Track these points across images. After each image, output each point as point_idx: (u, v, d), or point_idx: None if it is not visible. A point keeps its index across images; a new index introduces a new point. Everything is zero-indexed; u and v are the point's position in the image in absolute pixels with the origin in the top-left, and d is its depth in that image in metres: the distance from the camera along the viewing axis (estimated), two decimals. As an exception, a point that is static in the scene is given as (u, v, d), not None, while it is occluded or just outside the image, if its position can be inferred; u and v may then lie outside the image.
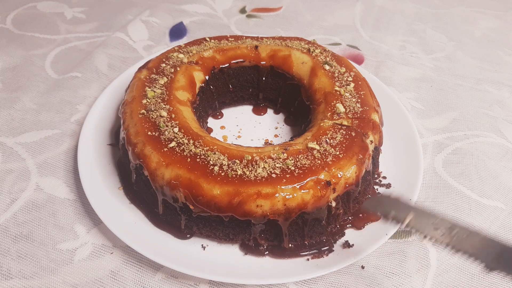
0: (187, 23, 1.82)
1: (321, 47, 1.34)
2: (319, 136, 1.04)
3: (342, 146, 1.02)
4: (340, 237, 1.03)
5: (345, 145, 1.02)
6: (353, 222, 1.06)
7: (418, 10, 2.02)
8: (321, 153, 0.99)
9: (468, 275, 1.02)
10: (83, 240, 1.04)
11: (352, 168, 0.98)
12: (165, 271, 0.99)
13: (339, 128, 1.06)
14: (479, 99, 1.51)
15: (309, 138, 1.04)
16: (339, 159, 0.98)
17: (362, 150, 1.02)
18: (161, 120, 1.05)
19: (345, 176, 0.97)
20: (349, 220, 1.06)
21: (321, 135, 1.04)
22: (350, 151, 1.01)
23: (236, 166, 0.94)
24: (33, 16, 1.79)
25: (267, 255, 0.99)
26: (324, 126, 1.07)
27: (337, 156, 0.99)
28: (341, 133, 1.05)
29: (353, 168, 0.98)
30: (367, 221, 1.05)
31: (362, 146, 1.03)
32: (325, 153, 1.00)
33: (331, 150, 1.00)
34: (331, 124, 1.08)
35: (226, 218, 0.94)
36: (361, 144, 1.03)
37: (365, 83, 1.23)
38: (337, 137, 1.04)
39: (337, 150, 1.00)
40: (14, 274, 0.97)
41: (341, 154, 0.99)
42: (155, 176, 0.97)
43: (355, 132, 1.05)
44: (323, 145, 1.02)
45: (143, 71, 1.22)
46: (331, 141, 1.03)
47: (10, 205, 1.10)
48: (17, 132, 1.28)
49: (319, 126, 1.08)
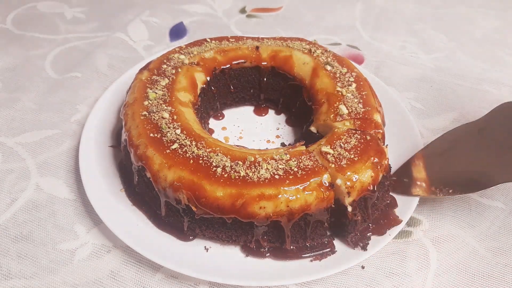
0: (187, 23, 1.82)
1: (322, 47, 1.34)
2: (333, 141, 1.03)
3: (357, 149, 1.00)
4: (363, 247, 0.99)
5: (360, 148, 1.00)
6: (373, 229, 1.02)
7: (418, 10, 2.02)
8: (335, 157, 0.98)
9: (468, 275, 1.02)
10: (83, 240, 1.04)
11: (367, 172, 0.97)
12: (164, 272, 0.99)
13: (354, 133, 1.05)
14: (479, 99, 1.51)
15: (323, 143, 1.03)
16: (354, 162, 0.97)
17: (377, 153, 1.00)
18: (163, 122, 1.05)
19: (361, 180, 0.96)
20: (370, 228, 1.02)
21: (335, 140, 1.03)
22: (366, 154, 0.99)
23: (239, 167, 0.94)
24: (33, 16, 1.79)
25: (269, 256, 0.99)
26: (338, 132, 1.06)
27: (352, 160, 0.97)
28: (356, 137, 1.04)
29: (368, 172, 0.97)
30: (388, 227, 1.02)
31: (377, 150, 1.01)
32: (340, 156, 0.98)
33: (346, 153, 0.99)
34: (345, 129, 1.06)
35: (229, 220, 0.94)
36: (376, 148, 1.01)
37: (367, 84, 1.23)
38: (352, 141, 1.02)
39: (352, 154, 0.99)
40: (14, 274, 0.97)
41: (356, 158, 0.98)
42: (157, 178, 0.96)
43: (370, 136, 1.04)
44: (337, 149, 1.00)
45: (144, 73, 1.22)
46: (345, 145, 1.01)
47: (10, 205, 1.10)
48: (17, 132, 1.28)
49: (333, 132, 1.07)
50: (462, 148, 1.12)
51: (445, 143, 1.15)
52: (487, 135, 1.09)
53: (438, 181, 1.08)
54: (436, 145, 1.16)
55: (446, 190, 1.05)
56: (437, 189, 1.06)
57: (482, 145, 1.09)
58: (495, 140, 1.07)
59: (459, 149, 1.12)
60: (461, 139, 1.14)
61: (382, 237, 1.01)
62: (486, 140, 1.09)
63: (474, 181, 1.04)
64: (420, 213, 1.13)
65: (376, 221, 1.03)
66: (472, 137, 1.12)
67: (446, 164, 1.11)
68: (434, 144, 1.17)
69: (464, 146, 1.12)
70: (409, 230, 1.09)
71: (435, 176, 1.09)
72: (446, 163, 1.11)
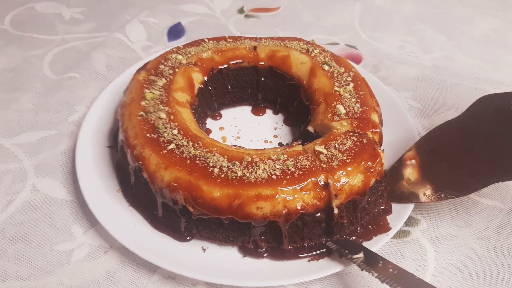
0: (185, 23, 1.81)
1: (320, 47, 1.34)
2: (328, 142, 1.02)
3: (351, 152, 0.99)
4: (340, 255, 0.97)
5: (354, 151, 1.00)
6: (360, 234, 1.01)
7: (417, 9, 2.02)
8: (327, 157, 0.98)
9: (466, 275, 1.01)
10: (80, 241, 1.03)
11: (358, 176, 0.96)
12: (162, 272, 0.98)
13: (351, 135, 1.04)
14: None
15: (318, 143, 1.03)
16: (345, 164, 0.96)
17: (372, 157, 0.99)
18: (160, 122, 1.04)
19: (350, 183, 0.95)
20: (358, 232, 1.01)
21: (331, 141, 1.03)
22: (359, 157, 0.98)
23: (236, 167, 0.94)
24: (31, 16, 1.78)
25: (266, 257, 0.98)
26: (336, 133, 1.05)
27: (344, 161, 0.97)
28: (352, 139, 1.03)
29: (359, 176, 0.96)
30: (376, 233, 1.01)
31: (372, 154, 1.00)
32: (332, 157, 0.98)
33: (339, 155, 0.98)
34: (344, 131, 1.06)
35: (226, 221, 0.94)
36: (371, 151, 1.00)
37: (365, 83, 1.23)
38: (347, 143, 1.02)
39: (345, 156, 0.98)
40: (11, 275, 0.97)
41: (348, 160, 0.97)
42: (154, 178, 0.96)
43: (367, 139, 1.03)
44: (331, 149, 1.00)
45: (141, 73, 1.21)
46: (340, 146, 1.01)
47: (7, 206, 1.09)
48: (15, 132, 1.28)
49: (331, 132, 1.06)
50: (447, 149, 1.10)
51: (431, 144, 1.13)
52: (469, 132, 1.08)
53: (430, 185, 1.07)
54: (422, 147, 1.13)
55: (438, 195, 1.05)
56: (431, 194, 1.05)
57: (466, 144, 1.07)
58: (477, 138, 1.05)
59: (444, 151, 1.10)
60: (444, 139, 1.12)
61: (380, 237, 1.00)
62: (469, 138, 1.07)
63: (465, 184, 1.03)
64: (418, 212, 1.12)
65: (365, 226, 1.02)
66: (455, 136, 1.10)
67: (433, 168, 1.09)
68: (419, 146, 1.14)
69: (449, 147, 1.10)
70: (407, 229, 1.09)
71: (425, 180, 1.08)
72: (433, 167, 1.09)
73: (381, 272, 0.87)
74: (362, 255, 0.92)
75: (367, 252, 0.94)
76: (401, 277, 0.85)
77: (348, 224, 1.00)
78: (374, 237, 1.01)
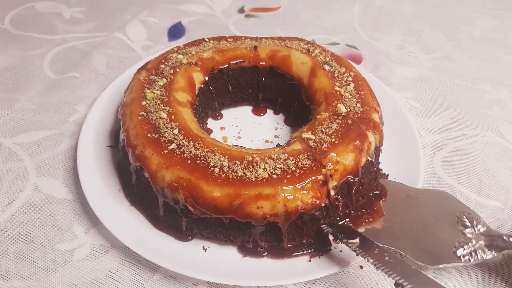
0: (185, 23, 1.82)
1: (321, 47, 1.34)
2: (314, 127, 1.04)
3: (338, 133, 1.01)
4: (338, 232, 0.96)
5: (341, 132, 1.02)
6: (352, 218, 1.01)
7: (417, 9, 2.02)
8: (316, 142, 0.99)
9: (466, 275, 1.02)
10: (81, 240, 1.03)
11: (350, 155, 0.98)
12: (163, 272, 0.99)
13: (335, 118, 1.06)
14: (478, 99, 1.52)
15: (304, 130, 1.04)
16: (335, 146, 0.98)
17: (359, 136, 1.01)
18: (161, 122, 1.05)
19: (343, 163, 0.96)
20: (351, 215, 1.01)
21: (316, 126, 1.04)
22: (347, 138, 1.00)
23: (236, 167, 0.94)
24: (31, 16, 1.79)
25: (266, 256, 0.99)
26: (320, 118, 1.07)
27: (333, 143, 0.99)
28: (337, 122, 1.05)
29: (350, 155, 0.98)
30: (367, 219, 1.01)
31: (359, 133, 1.02)
32: (321, 141, 1.00)
33: (327, 138, 1.00)
34: (327, 115, 1.07)
35: (226, 220, 0.94)
36: (358, 131, 1.03)
37: (365, 83, 1.23)
38: (333, 126, 1.04)
39: (333, 138, 1.00)
40: (12, 275, 0.97)
41: (337, 141, 0.99)
42: (155, 178, 0.96)
43: (351, 120, 1.05)
44: (318, 134, 1.01)
45: (142, 73, 1.21)
46: (326, 130, 1.02)
47: (8, 205, 1.09)
48: (15, 132, 1.28)
49: (315, 119, 1.08)
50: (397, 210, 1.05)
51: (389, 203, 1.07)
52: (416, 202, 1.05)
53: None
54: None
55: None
56: None
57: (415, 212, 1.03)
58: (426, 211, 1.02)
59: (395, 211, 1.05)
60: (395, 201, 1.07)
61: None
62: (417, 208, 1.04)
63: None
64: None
65: (359, 209, 1.03)
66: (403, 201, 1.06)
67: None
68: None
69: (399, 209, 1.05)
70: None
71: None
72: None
73: (376, 259, 0.88)
74: (358, 241, 0.93)
75: (364, 238, 0.94)
76: (397, 266, 0.85)
77: (343, 206, 1.01)
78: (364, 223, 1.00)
